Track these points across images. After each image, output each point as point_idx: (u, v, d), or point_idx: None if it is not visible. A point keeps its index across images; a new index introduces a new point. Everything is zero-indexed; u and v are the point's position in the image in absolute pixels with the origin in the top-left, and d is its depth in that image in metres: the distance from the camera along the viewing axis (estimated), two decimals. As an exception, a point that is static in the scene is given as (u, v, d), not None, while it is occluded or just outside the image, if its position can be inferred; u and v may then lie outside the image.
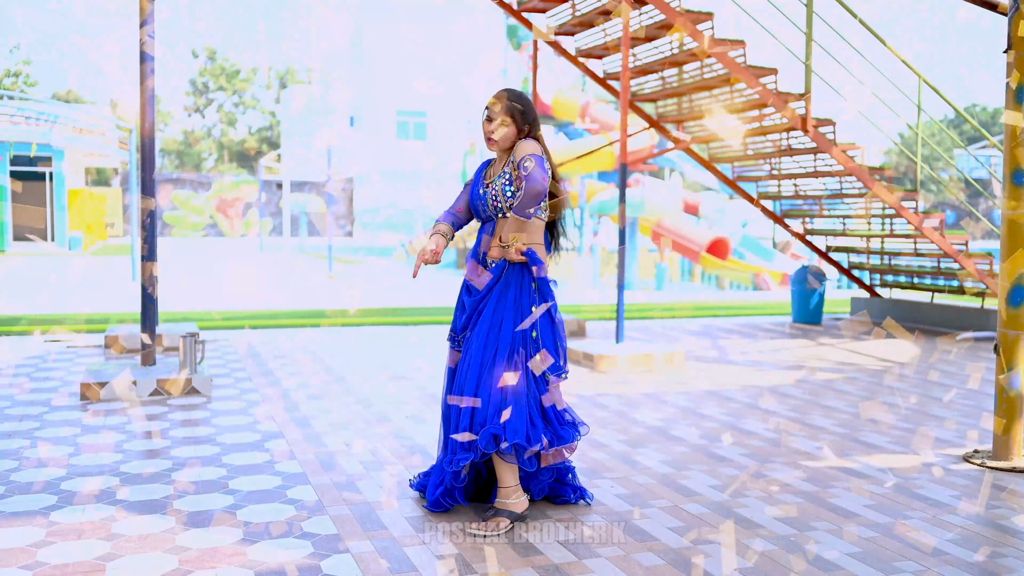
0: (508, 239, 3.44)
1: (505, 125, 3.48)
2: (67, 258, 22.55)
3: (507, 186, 3.48)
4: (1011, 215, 4.38)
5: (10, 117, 25.03)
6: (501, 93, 3.51)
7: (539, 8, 9.16)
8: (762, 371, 6.98)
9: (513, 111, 3.48)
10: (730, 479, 4.07)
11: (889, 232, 9.62)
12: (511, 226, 3.43)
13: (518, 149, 3.44)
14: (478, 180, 3.60)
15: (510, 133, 3.50)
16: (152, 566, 2.96)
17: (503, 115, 3.48)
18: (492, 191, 3.51)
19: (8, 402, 5.42)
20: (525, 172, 3.33)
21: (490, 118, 3.50)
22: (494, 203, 3.50)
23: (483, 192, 3.54)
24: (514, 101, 3.49)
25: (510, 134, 3.50)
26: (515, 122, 3.49)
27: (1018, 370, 4.37)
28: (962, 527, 3.49)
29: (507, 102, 3.48)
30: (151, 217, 5.91)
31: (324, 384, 6.15)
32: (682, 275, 21.55)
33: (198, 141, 62.99)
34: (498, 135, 3.49)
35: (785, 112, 7.88)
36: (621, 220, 7.06)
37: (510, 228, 3.44)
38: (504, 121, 3.48)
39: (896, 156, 49.93)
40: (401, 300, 12.68)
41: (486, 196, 3.52)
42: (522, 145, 3.45)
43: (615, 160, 20.19)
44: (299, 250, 28.92)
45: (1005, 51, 4.41)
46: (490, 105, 3.49)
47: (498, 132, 3.48)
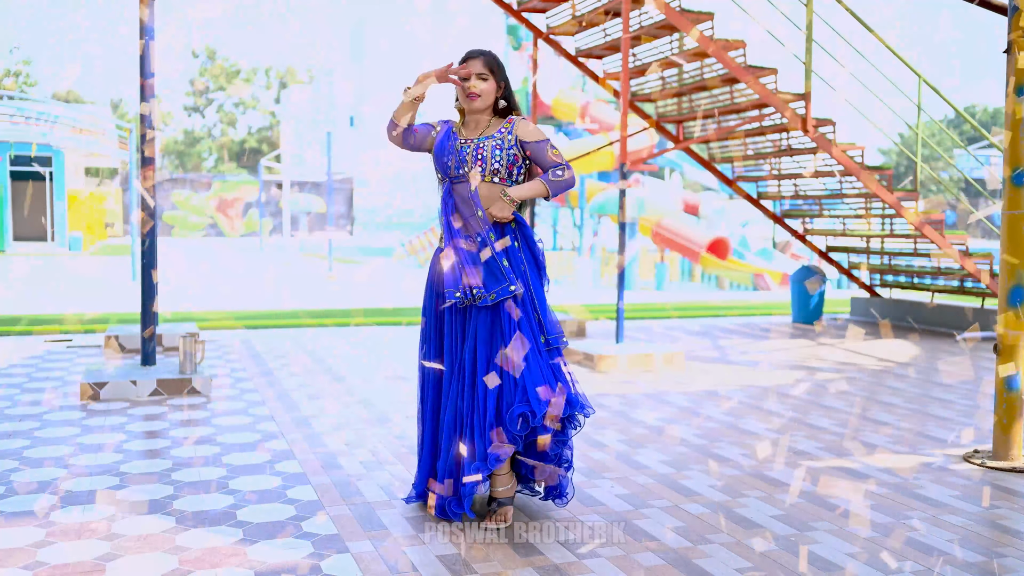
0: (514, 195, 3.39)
1: (484, 80, 3.44)
2: (67, 258, 22.54)
3: (498, 151, 3.41)
4: (1011, 215, 4.38)
5: (10, 117, 25.02)
6: (474, 54, 3.45)
7: (539, 8, 9.16)
8: (762, 371, 6.98)
9: (491, 66, 3.45)
10: (730, 479, 4.07)
11: (889, 232, 9.63)
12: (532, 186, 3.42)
13: (524, 127, 3.44)
14: (448, 135, 3.50)
15: (491, 88, 3.46)
16: (152, 566, 2.96)
17: (483, 69, 3.43)
18: (479, 149, 3.41)
19: (8, 402, 5.42)
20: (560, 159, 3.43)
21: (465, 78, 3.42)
22: (479, 163, 3.40)
23: (460, 148, 3.44)
24: (486, 56, 3.46)
25: (491, 89, 3.46)
26: (495, 77, 3.46)
27: (1018, 370, 4.37)
28: (962, 527, 3.49)
29: (483, 59, 3.44)
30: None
31: (324, 384, 6.15)
32: (682, 275, 21.56)
33: (198, 141, 62.98)
34: (484, 92, 3.43)
35: (785, 112, 7.87)
36: (621, 218, 7.06)
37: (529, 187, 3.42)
38: (484, 77, 3.43)
39: (896, 156, 49.91)
40: (401, 300, 12.68)
41: (464, 152, 3.42)
42: (526, 124, 3.46)
43: (615, 160, 20.19)
44: (299, 250, 28.92)
45: (1005, 51, 4.41)
46: (470, 63, 3.43)
47: (481, 92, 3.42)
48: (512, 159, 3.43)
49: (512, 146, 3.43)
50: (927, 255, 9.35)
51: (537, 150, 3.43)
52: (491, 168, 3.41)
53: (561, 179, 3.42)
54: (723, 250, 19.86)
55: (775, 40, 8.15)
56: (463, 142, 3.45)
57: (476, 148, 3.42)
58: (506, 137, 3.44)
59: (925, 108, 9.59)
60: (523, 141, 3.44)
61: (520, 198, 3.42)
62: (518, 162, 3.45)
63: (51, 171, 27.12)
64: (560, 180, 3.42)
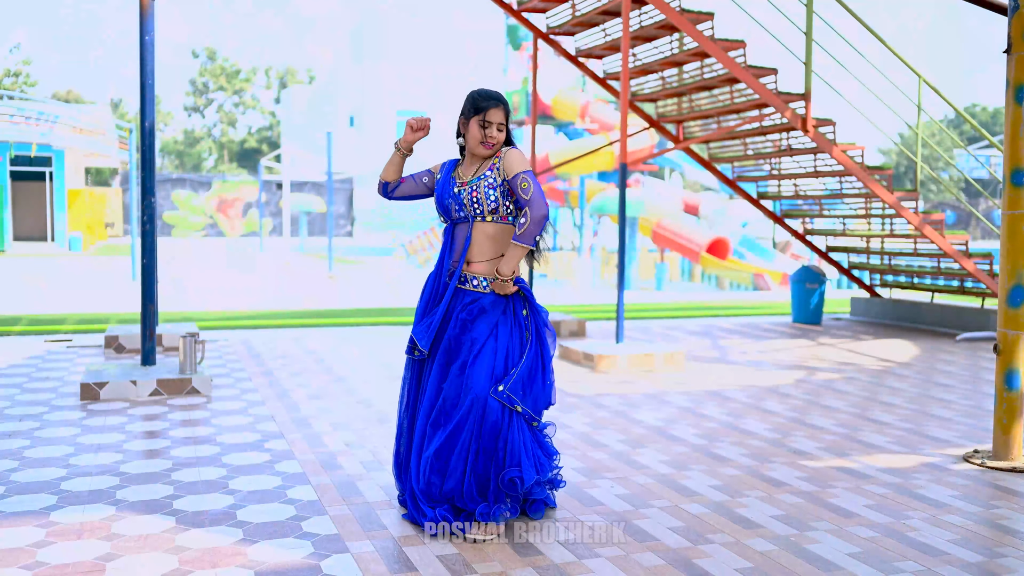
0: (505, 273, 3.38)
1: (502, 131, 3.47)
2: (67, 258, 22.54)
3: (491, 190, 3.43)
4: (1011, 215, 4.38)
5: (10, 117, 25.02)
6: (496, 103, 3.46)
7: (539, 8, 9.16)
8: (762, 371, 6.98)
9: (507, 116, 3.49)
10: (730, 479, 4.07)
11: (889, 232, 9.63)
12: (512, 254, 3.38)
13: (508, 160, 3.43)
14: (448, 179, 3.54)
15: (503, 137, 3.50)
16: (152, 566, 2.96)
17: (503, 120, 3.47)
18: (473, 192, 3.43)
19: (8, 402, 5.42)
20: (526, 195, 3.35)
21: (487, 123, 3.44)
22: (474, 206, 3.43)
23: (458, 191, 3.47)
24: (505, 106, 3.49)
25: (503, 138, 3.50)
26: (506, 125, 3.50)
27: (1018, 370, 4.37)
28: (962, 527, 3.49)
29: (504, 108, 3.47)
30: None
31: (324, 384, 6.15)
32: (682, 275, 21.56)
33: (198, 141, 62.98)
34: (497, 143, 3.47)
35: (785, 112, 7.88)
36: (621, 220, 7.06)
37: (511, 257, 3.38)
38: (502, 127, 3.47)
39: (896, 156, 49.92)
40: (401, 300, 12.68)
41: (462, 196, 3.45)
42: (511, 156, 3.44)
43: (615, 160, 20.19)
44: (299, 250, 28.92)
45: (1005, 51, 4.41)
46: (490, 115, 3.44)
47: (497, 140, 3.46)
48: (506, 193, 3.45)
49: (502, 182, 3.45)
50: (928, 255, 9.35)
51: (512, 184, 3.42)
52: (489, 209, 3.43)
53: (525, 226, 3.36)
54: (723, 250, 19.86)
55: (775, 40, 8.15)
56: (460, 186, 3.48)
57: (471, 192, 3.44)
58: (496, 174, 3.45)
59: (925, 108, 9.59)
60: (506, 177, 3.44)
61: (511, 271, 3.40)
62: (510, 196, 3.46)
63: (51, 171, 27.12)
64: (525, 227, 3.36)
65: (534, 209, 3.35)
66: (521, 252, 3.39)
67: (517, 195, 3.41)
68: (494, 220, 3.45)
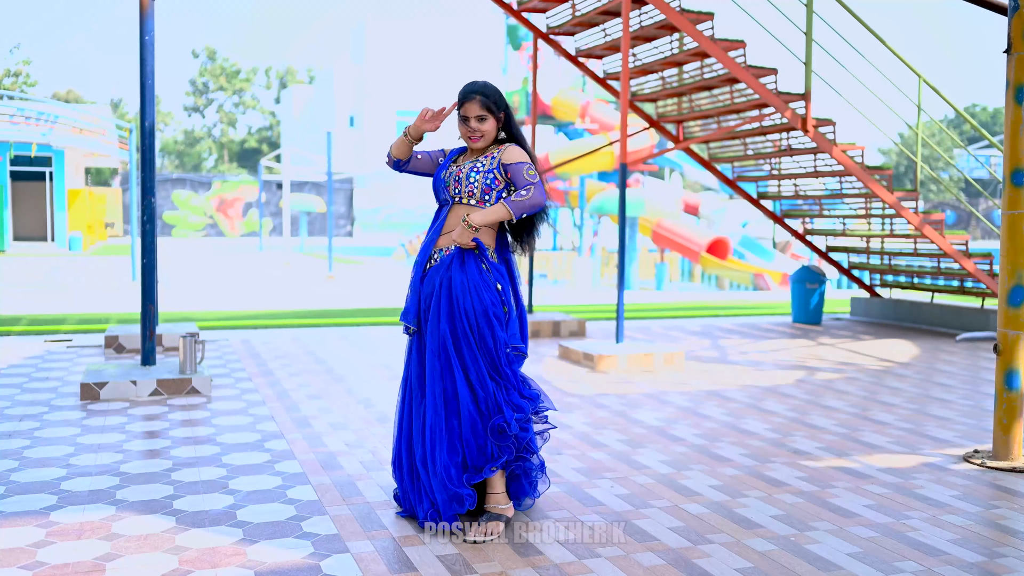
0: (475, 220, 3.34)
1: (485, 122, 3.45)
2: (67, 258, 22.54)
3: (475, 173, 3.42)
4: (1011, 215, 4.38)
5: (10, 117, 25.02)
6: (471, 95, 3.43)
7: (539, 8, 9.16)
8: (762, 371, 6.98)
9: (488, 106, 3.44)
10: (730, 479, 4.07)
11: (889, 232, 9.63)
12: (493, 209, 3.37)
13: (510, 150, 3.44)
14: (447, 164, 3.55)
15: (491, 126, 3.47)
16: (152, 566, 2.96)
17: (482, 111, 3.43)
18: (457, 172, 3.45)
19: (8, 402, 5.42)
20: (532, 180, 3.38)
21: (465, 118, 3.44)
22: (456, 185, 3.43)
23: (447, 174, 3.49)
24: (484, 95, 3.44)
25: (491, 127, 3.47)
26: (492, 114, 3.46)
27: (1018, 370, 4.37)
28: (962, 527, 3.49)
29: (480, 99, 3.43)
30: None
31: (324, 384, 6.15)
32: (682, 275, 21.56)
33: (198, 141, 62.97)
34: (485, 132, 3.45)
35: (785, 112, 7.88)
36: (621, 220, 7.06)
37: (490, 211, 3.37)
38: (483, 118, 3.44)
39: (896, 156, 49.91)
40: (401, 300, 12.67)
41: (447, 178, 3.47)
42: (514, 147, 3.45)
43: (615, 160, 20.19)
44: (299, 250, 28.92)
45: (1005, 51, 4.41)
46: (466, 109, 3.43)
47: (483, 132, 3.45)
48: (491, 182, 3.42)
49: (492, 169, 3.43)
50: (928, 255, 9.35)
51: (515, 171, 3.41)
52: (466, 190, 3.42)
53: (523, 199, 3.36)
54: (723, 250, 19.86)
55: (775, 40, 8.15)
56: (451, 170, 3.49)
57: (455, 172, 3.46)
58: (489, 162, 3.45)
59: (925, 108, 9.59)
60: (504, 164, 3.43)
61: (482, 223, 3.36)
62: (497, 186, 3.43)
63: (51, 171, 27.12)
64: (522, 200, 3.36)
65: (536, 194, 3.37)
66: (502, 212, 3.37)
67: (520, 181, 3.39)
68: (471, 204, 3.44)
